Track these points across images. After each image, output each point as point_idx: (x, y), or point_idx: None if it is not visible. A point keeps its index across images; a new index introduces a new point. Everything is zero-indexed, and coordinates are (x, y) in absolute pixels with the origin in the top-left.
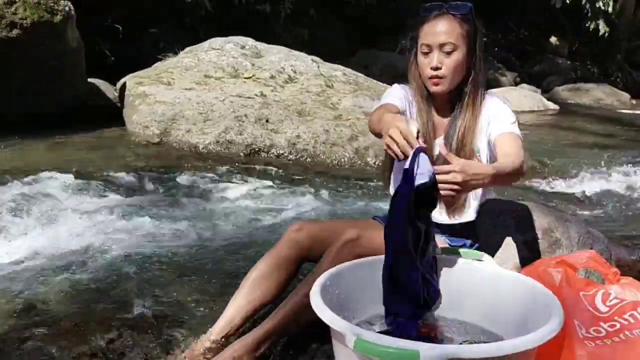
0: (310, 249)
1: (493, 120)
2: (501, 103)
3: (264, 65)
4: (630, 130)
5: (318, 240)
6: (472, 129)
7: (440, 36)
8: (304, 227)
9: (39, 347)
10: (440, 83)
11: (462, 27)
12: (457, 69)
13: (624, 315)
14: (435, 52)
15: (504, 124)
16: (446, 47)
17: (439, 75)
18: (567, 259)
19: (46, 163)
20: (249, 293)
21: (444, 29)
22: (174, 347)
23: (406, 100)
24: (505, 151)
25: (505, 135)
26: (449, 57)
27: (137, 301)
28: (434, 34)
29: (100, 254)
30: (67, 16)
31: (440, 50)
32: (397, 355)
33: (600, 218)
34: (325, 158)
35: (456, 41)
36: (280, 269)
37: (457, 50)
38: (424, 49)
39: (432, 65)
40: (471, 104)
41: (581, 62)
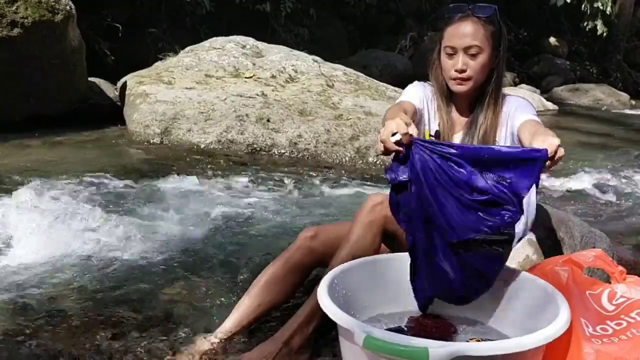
0: (325, 255)
1: (514, 113)
2: (522, 101)
3: (264, 65)
4: (630, 130)
5: (333, 244)
6: (494, 127)
7: (466, 39)
8: (319, 233)
9: (40, 346)
10: (464, 84)
11: (486, 29)
12: (481, 71)
13: (630, 313)
14: (460, 55)
15: (526, 113)
16: (471, 50)
17: (463, 78)
18: (573, 257)
19: (47, 162)
20: (259, 295)
21: (469, 32)
22: (177, 346)
23: (425, 98)
24: (535, 131)
25: (529, 122)
26: (474, 60)
27: (138, 300)
28: (459, 37)
29: (101, 254)
30: (68, 15)
31: (465, 52)
32: (406, 352)
33: (603, 218)
34: (326, 158)
35: (481, 44)
36: (293, 274)
37: (482, 53)
38: (448, 50)
39: (457, 68)
40: (493, 103)
41: (580, 62)
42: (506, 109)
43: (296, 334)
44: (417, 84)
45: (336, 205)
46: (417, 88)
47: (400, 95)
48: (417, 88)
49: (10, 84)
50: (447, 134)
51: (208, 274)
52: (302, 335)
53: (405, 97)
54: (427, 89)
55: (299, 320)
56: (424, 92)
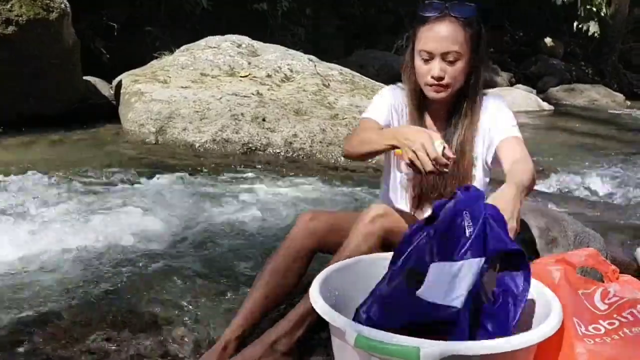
0: (325, 238)
1: (494, 126)
2: (500, 105)
3: (260, 64)
4: (625, 130)
5: (334, 228)
6: (471, 137)
7: (443, 43)
8: (318, 215)
9: (32, 348)
10: (441, 91)
11: (465, 32)
12: (460, 77)
13: (623, 313)
14: (437, 60)
15: (505, 127)
16: (449, 56)
17: (441, 85)
18: (566, 256)
19: (42, 162)
20: (265, 287)
21: (447, 35)
22: (180, 346)
23: (394, 108)
24: (513, 157)
25: (509, 140)
26: (452, 66)
27: (132, 301)
28: (436, 41)
29: (94, 254)
30: (63, 13)
31: (443, 58)
32: (398, 351)
33: (596, 217)
34: (321, 157)
35: (460, 49)
36: (296, 260)
37: (461, 58)
38: (424, 55)
39: (433, 75)
40: (470, 110)
41: (576, 63)
42: (484, 116)
43: (283, 338)
44: (386, 93)
45: (332, 206)
46: (385, 99)
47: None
48: (385, 99)
49: (7, 83)
50: None
51: (203, 274)
52: (289, 339)
53: (371, 113)
54: (397, 95)
55: (288, 324)
56: (393, 100)
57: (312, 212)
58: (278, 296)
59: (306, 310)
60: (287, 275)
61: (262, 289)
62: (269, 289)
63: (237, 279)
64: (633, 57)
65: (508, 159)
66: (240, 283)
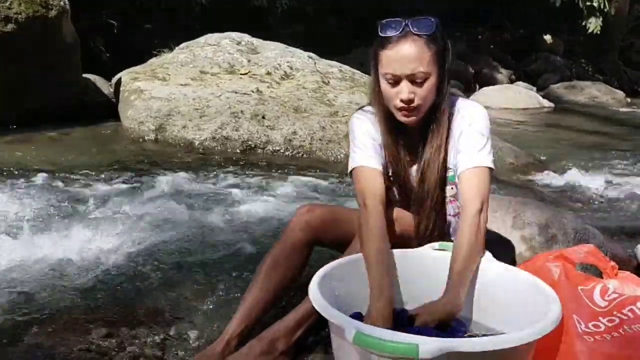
0: (323, 230)
1: (461, 147)
2: (474, 116)
3: (260, 62)
4: (625, 127)
5: (330, 221)
6: (438, 157)
7: (409, 65)
8: (314, 208)
9: (33, 345)
10: (412, 115)
11: (430, 49)
12: (430, 96)
13: (623, 310)
14: (404, 83)
15: (470, 154)
16: (417, 77)
17: (411, 107)
18: (565, 253)
19: (41, 160)
20: (264, 282)
21: (411, 56)
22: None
23: (373, 138)
24: (468, 197)
25: (469, 173)
26: (421, 87)
27: (132, 299)
28: (401, 63)
29: (94, 252)
30: (62, 11)
31: (410, 80)
32: (396, 348)
33: (596, 214)
34: (321, 155)
35: (427, 68)
36: (294, 253)
37: (430, 78)
38: (389, 78)
39: (402, 98)
40: (439, 127)
41: (576, 60)
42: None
43: (283, 337)
44: (363, 125)
45: (331, 203)
46: (366, 133)
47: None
48: (366, 133)
49: (7, 81)
50: (402, 170)
51: (203, 270)
52: (287, 339)
53: (365, 160)
54: (369, 123)
55: (288, 324)
56: (371, 131)
57: (309, 205)
58: (277, 290)
59: (306, 311)
60: (285, 269)
61: (261, 283)
62: (268, 282)
63: (236, 275)
64: (633, 54)
65: (461, 196)
66: (240, 279)
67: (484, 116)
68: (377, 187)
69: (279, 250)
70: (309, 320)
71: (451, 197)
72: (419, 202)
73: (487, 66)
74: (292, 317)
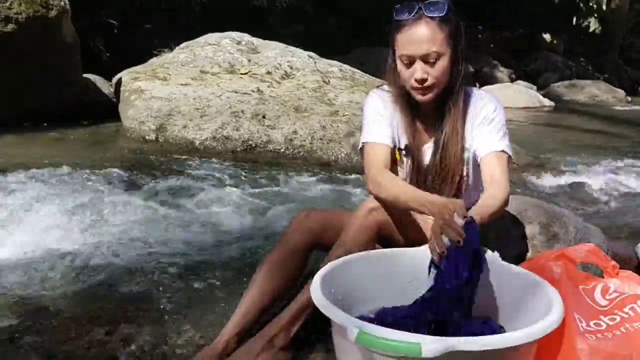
0: (322, 234)
1: (479, 134)
2: (488, 103)
3: (260, 61)
4: (626, 126)
5: (329, 225)
6: (457, 136)
7: (422, 46)
8: (313, 213)
9: (34, 343)
10: (427, 93)
11: (443, 30)
12: (444, 76)
13: (624, 308)
14: (418, 63)
15: (490, 141)
16: (430, 57)
17: (426, 87)
18: (566, 252)
19: (41, 159)
20: (262, 284)
21: (425, 37)
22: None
23: (389, 114)
24: (492, 177)
25: (491, 157)
26: (434, 67)
27: (133, 297)
28: (415, 44)
29: (94, 251)
30: (62, 11)
31: (424, 60)
32: (399, 347)
33: (597, 213)
34: (322, 154)
35: (440, 48)
36: (293, 257)
37: (442, 58)
38: (404, 59)
39: (416, 78)
40: (454, 107)
41: (576, 59)
42: (473, 113)
43: (280, 332)
44: (376, 103)
45: (332, 202)
46: (378, 112)
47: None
48: (378, 112)
49: (7, 81)
50: (417, 146)
51: (203, 270)
52: (286, 334)
53: (375, 136)
54: (386, 100)
55: (285, 319)
56: (384, 109)
57: (308, 210)
58: (276, 293)
59: (301, 307)
60: (284, 272)
61: (259, 286)
62: (266, 285)
63: (236, 275)
64: (633, 53)
65: (486, 177)
66: (240, 279)
67: (499, 104)
68: (383, 159)
69: (278, 253)
70: (304, 315)
71: (464, 177)
72: (441, 179)
73: (488, 65)
74: (287, 313)
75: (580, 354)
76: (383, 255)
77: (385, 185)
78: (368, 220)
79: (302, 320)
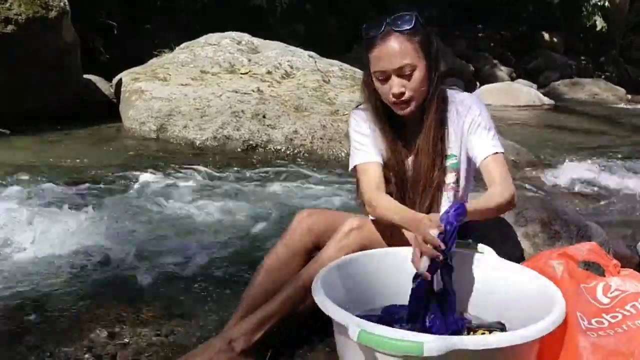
0: (322, 235)
1: (471, 140)
2: (472, 107)
3: (260, 61)
4: (626, 124)
5: (329, 226)
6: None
7: (394, 60)
8: (314, 213)
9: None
10: (407, 106)
11: (412, 42)
12: (422, 87)
13: (625, 306)
14: (393, 78)
15: (484, 145)
16: (404, 70)
17: (404, 100)
18: (568, 251)
19: (42, 160)
20: (264, 282)
21: (396, 52)
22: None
23: (370, 133)
24: (495, 180)
25: (490, 161)
26: (410, 79)
27: (134, 298)
28: (386, 59)
29: (95, 252)
30: (62, 12)
31: (398, 74)
32: (401, 346)
33: (598, 211)
34: (322, 153)
35: (412, 60)
36: (294, 256)
37: (417, 69)
38: (379, 75)
39: (394, 92)
40: (429, 114)
41: (577, 57)
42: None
43: (242, 336)
44: (358, 122)
45: (333, 201)
46: (361, 130)
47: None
48: (361, 130)
49: (7, 82)
50: (398, 160)
51: (204, 270)
52: (247, 338)
53: (365, 156)
54: (366, 119)
55: (250, 324)
56: (366, 128)
57: (309, 210)
58: (274, 293)
59: (270, 312)
60: (284, 272)
61: (259, 286)
62: (266, 285)
63: (236, 275)
64: (634, 51)
65: (487, 181)
66: (240, 279)
67: (482, 105)
68: (375, 179)
69: (278, 254)
70: (272, 321)
71: (452, 184)
72: (414, 187)
73: (488, 64)
74: (255, 317)
75: (583, 352)
76: (385, 254)
77: (380, 208)
78: (348, 240)
79: (266, 328)
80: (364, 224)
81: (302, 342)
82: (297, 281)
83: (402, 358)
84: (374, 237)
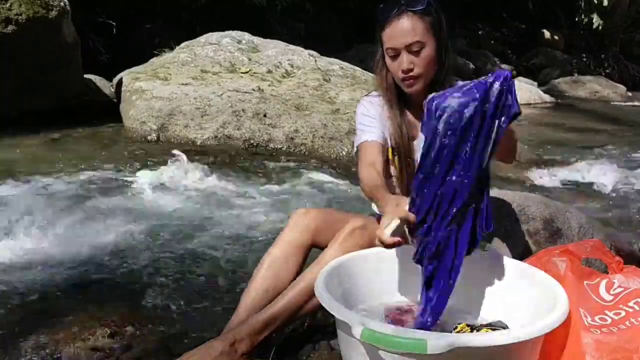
0: (320, 233)
1: None
2: None
3: (260, 60)
4: (627, 121)
5: (327, 224)
6: None
7: (405, 37)
8: (311, 211)
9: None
10: (415, 83)
11: (424, 21)
12: (429, 65)
13: (628, 303)
14: (403, 54)
15: None
16: (414, 47)
17: (412, 76)
18: (571, 248)
19: (43, 160)
20: (265, 281)
21: (407, 29)
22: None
23: (379, 116)
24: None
25: None
26: (418, 56)
27: (136, 299)
28: (398, 36)
29: (96, 251)
30: (62, 11)
31: (408, 51)
32: (405, 344)
33: (600, 208)
34: (323, 152)
35: (422, 38)
36: (292, 255)
37: (426, 47)
38: (390, 52)
39: (403, 68)
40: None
41: (577, 54)
42: None
43: (246, 338)
44: (366, 106)
45: (334, 200)
46: (369, 111)
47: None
48: (369, 111)
49: (8, 82)
50: (405, 143)
51: (204, 269)
52: (251, 340)
53: (367, 135)
54: (374, 103)
55: (254, 325)
56: (374, 110)
57: (306, 208)
58: (276, 291)
59: (275, 313)
60: (283, 270)
61: (260, 285)
62: (266, 284)
63: (237, 275)
64: (634, 48)
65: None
66: (240, 279)
67: None
68: (370, 157)
69: (277, 252)
70: (277, 323)
71: None
72: None
73: (488, 62)
74: (259, 318)
75: (586, 349)
76: (386, 252)
77: (362, 183)
78: (352, 241)
79: (270, 330)
80: (367, 224)
81: (304, 342)
82: (300, 282)
83: (405, 356)
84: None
